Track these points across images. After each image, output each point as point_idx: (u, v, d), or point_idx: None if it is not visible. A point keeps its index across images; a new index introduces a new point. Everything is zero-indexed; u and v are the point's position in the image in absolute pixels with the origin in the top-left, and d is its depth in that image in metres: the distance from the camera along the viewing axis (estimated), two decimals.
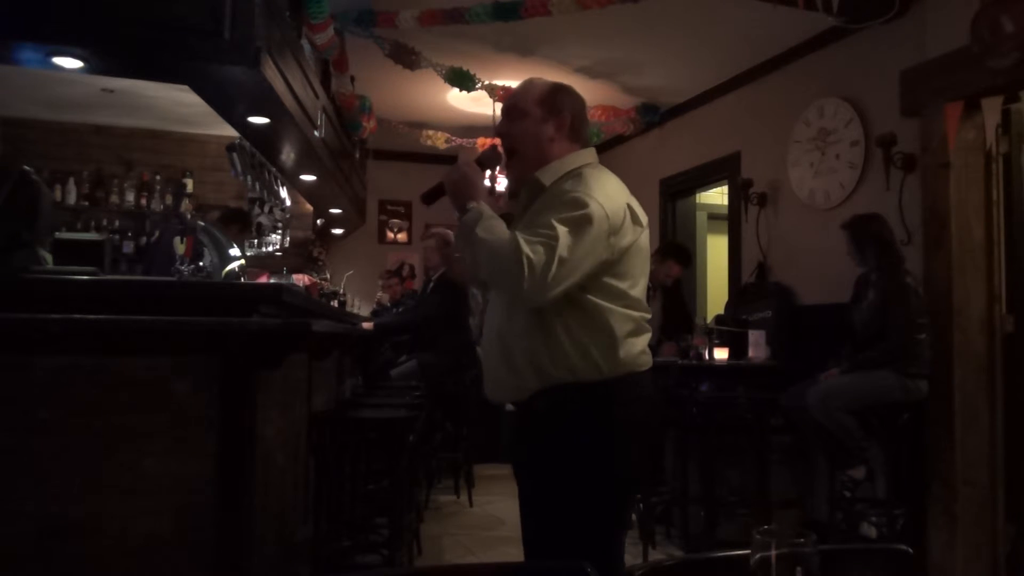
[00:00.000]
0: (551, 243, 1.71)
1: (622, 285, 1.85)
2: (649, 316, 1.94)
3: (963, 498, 3.56)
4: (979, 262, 3.68)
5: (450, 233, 2.16)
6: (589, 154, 2.00)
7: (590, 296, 1.82)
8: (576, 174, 1.89)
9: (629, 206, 1.86)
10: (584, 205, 1.76)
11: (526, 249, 1.69)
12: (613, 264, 1.82)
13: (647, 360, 1.91)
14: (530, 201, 1.97)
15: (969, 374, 3.62)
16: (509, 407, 2.09)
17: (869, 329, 3.73)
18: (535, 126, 1.96)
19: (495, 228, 1.80)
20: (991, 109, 3.60)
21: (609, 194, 1.83)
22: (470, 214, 1.84)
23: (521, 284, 1.69)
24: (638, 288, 1.90)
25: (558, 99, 1.98)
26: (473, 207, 1.85)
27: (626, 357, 1.85)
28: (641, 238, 1.90)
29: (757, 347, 4.54)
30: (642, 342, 1.90)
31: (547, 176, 1.94)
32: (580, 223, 1.74)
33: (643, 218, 1.91)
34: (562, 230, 1.72)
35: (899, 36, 4.01)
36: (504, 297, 1.86)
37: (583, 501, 1.83)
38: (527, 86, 2.04)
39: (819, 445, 3.99)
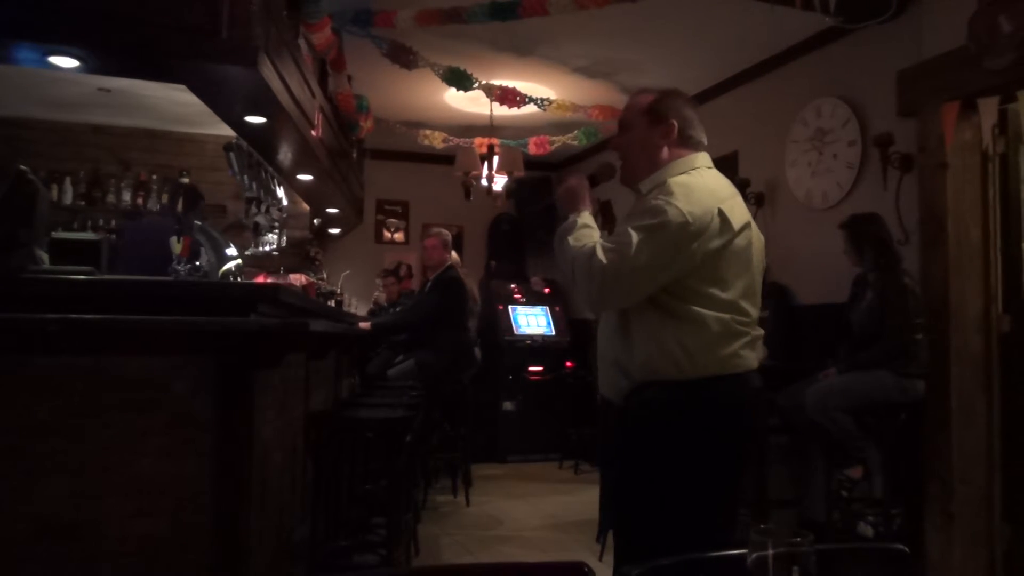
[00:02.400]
0: (623, 250, 1.78)
1: (711, 289, 1.86)
2: (750, 319, 1.96)
3: (960, 497, 3.56)
4: (976, 262, 3.68)
5: (446, 233, 2.24)
6: (687, 160, 2.01)
7: (672, 299, 1.85)
8: (663, 183, 1.93)
9: (720, 211, 1.87)
10: (661, 212, 1.81)
11: (600, 255, 1.79)
12: (699, 268, 1.85)
13: (741, 363, 1.92)
14: (632, 209, 2.02)
15: (966, 374, 3.63)
16: (507, 406, 2.14)
17: (866, 329, 3.73)
18: (641, 135, 2.03)
19: (584, 236, 1.90)
20: (988, 109, 3.60)
21: (695, 200, 1.85)
22: (567, 223, 1.94)
23: (591, 289, 1.80)
24: (733, 290, 1.90)
25: (662, 106, 2.04)
26: (573, 217, 1.95)
27: (711, 359, 1.87)
28: (736, 241, 1.89)
29: None
30: (737, 344, 1.90)
31: (646, 185, 2.00)
32: (655, 229, 1.80)
33: (737, 222, 1.90)
34: (636, 237, 1.78)
35: (896, 36, 4.01)
36: (580, 302, 1.99)
37: (665, 499, 1.85)
38: (635, 98, 2.11)
39: (816, 445, 4.00)
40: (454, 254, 5.50)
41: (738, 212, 1.92)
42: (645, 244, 1.78)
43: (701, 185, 1.93)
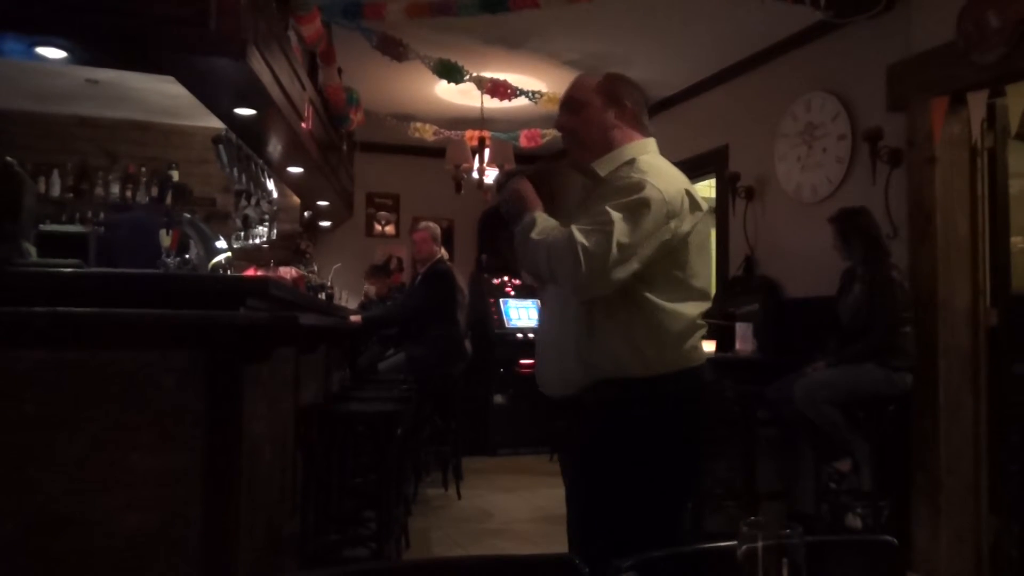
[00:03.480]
0: (606, 229, 1.71)
1: (682, 277, 1.84)
2: (708, 307, 1.93)
3: (947, 489, 3.59)
4: (964, 256, 3.71)
5: (435, 226, 2.18)
6: (646, 144, 1.99)
7: (642, 290, 1.80)
8: (631, 162, 1.89)
9: (687, 191, 1.85)
10: (639, 188, 1.76)
11: (580, 239, 1.70)
12: (673, 252, 1.81)
13: (700, 356, 1.89)
14: (587, 191, 1.97)
15: (953, 367, 3.65)
16: (498, 399, 2.11)
17: (855, 322, 3.75)
18: (597, 114, 1.97)
19: (549, 229, 1.82)
20: (976, 104, 3.62)
21: (666, 178, 1.83)
22: (523, 224, 1.86)
23: (579, 274, 1.70)
24: (700, 279, 1.88)
25: (616, 88, 2.00)
26: (529, 216, 1.87)
27: (678, 354, 1.84)
28: (700, 226, 1.87)
29: (744, 340, 4.56)
30: (697, 337, 1.89)
31: (603, 167, 1.94)
32: (636, 207, 1.74)
33: (703, 204, 1.89)
34: (616, 215, 1.72)
35: (886, 31, 4.02)
36: (567, 291, 1.82)
37: (629, 496, 1.80)
38: (582, 78, 2.06)
39: (805, 437, 4.03)
40: (443, 251, 5.49)
41: (699, 196, 1.90)
42: (627, 221, 1.72)
43: (667, 166, 1.92)
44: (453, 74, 4.96)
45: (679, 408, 1.84)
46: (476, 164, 5.63)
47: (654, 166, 1.87)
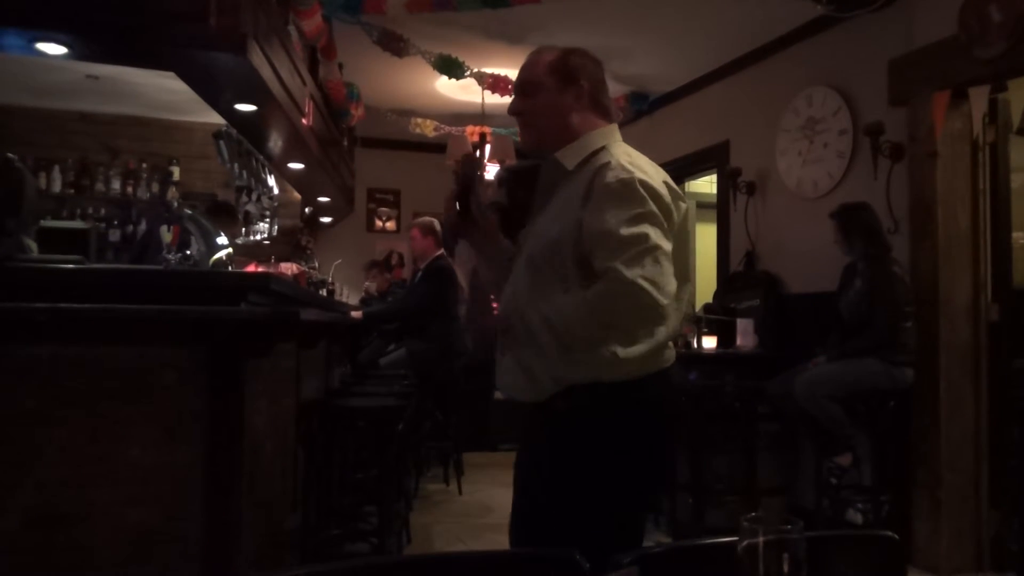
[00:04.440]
0: (646, 245, 1.56)
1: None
2: (689, 288, 1.80)
3: (948, 484, 3.60)
4: (965, 251, 3.70)
5: (430, 221, 2.03)
6: (612, 131, 1.81)
7: None
8: (605, 156, 1.71)
9: (666, 182, 1.71)
10: (639, 186, 1.61)
11: (636, 272, 1.52)
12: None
13: (672, 355, 1.76)
14: (551, 185, 1.80)
15: (954, 362, 3.65)
16: (499, 394, 2.03)
17: (856, 317, 3.75)
18: (551, 98, 1.78)
19: (560, 305, 1.62)
20: (978, 98, 3.61)
21: (649, 170, 1.69)
22: (532, 329, 1.66)
23: (659, 309, 1.55)
24: (679, 267, 1.69)
25: (572, 65, 1.80)
26: (519, 320, 1.68)
27: (655, 355, 1.68)
28: (676, 220, 1.70)
29: (745, 335, 4.56)
30: (669, 337, 1.72)
31: (569, 158, 1.76)
32: (652, 215, 1.60)
33: (682, 193, 1.75)
34: (648, 230, 1.57)
35: (887, 25, 4.01)
36: (643, 336, 1.61)
37: (602, 501, 1.70)
38: (535, 57, 1.84)
39: (806, 432, 4.03)
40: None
41: (673, 184, 1.76)
42: (655, 228, 1.57)
43: (642, 157, 1.74)
44: (454, 69, 4.96)
45: (653, 412, 1.72)
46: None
47: (632, 158, 1.71)
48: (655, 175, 1.69)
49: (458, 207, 1.83)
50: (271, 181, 5.36)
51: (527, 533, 1.84)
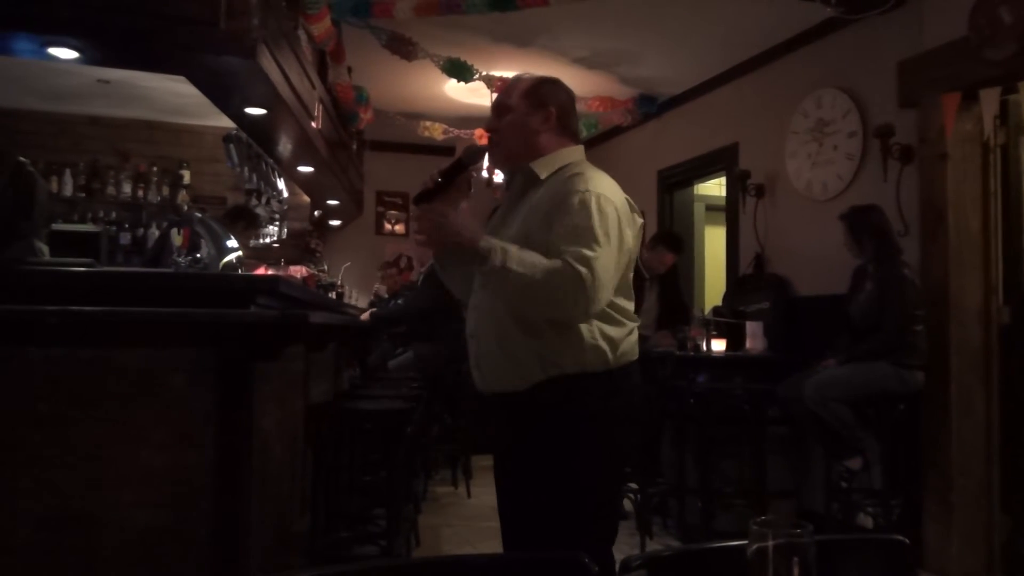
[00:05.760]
0: (592, 251, 1.73)
1: (627, 276, 1.91)
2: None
3: (959, 488, 3.57)
4: (976, 254, 3.68)
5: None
6: (579, 151, 2.03)
7: None
8: (575, 172, 1.90)
9: (627, 199, 1.92)
10: (596, 200, 1.78)
11: (579, 267, 1.70)
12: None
13: (637, 351, 1.96)
14: (523, 192, 1.99)
15: (965, 365, 3.63)
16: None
17: (866, 320, 3.73)
18: (520, 119, 1.97)
19: (526, 256, 1.76)
20: (989, 100, 3.59)
21: (609, 187, 1.87)
22: (492, 256, 1.75)
23: (585, 302, 1.72)
24: (628, 277, 1.94)
25: (542, 92, 1.99)
26: (486, 246, 1.77)
27: (627, 347, 1.90)
28: (637, 231, 1.94)
29: (754, 338, 4.55)
30: (635, 333, 1.95)
31: (542, 168, 1.95)
32: (608, 227, 1.78)
33: (638, 209, 1.97)
34: (599, 233, 1.75)
35: (897, 27, 4.00)
36: (561, 317, 1.80)
37: (581, 489, 1.83)
38: (514, 82, 2.06)
39: (815, 436, 4.01)
40: None
41: (631, 201, 1.95)
42: (607, 239, 1.75)
43: (604, 175, 1.92)
44: (462, 72, 4.96)
45: (629, 401, 1.90)
46: (485, 163, 5.62)
47: (598, 176, 1.89)
48: (616, 191, 1.89)
49: (440, 179, 1.96)
50: (280, 184, 5.39)
51: (526, 534, 1.93)
